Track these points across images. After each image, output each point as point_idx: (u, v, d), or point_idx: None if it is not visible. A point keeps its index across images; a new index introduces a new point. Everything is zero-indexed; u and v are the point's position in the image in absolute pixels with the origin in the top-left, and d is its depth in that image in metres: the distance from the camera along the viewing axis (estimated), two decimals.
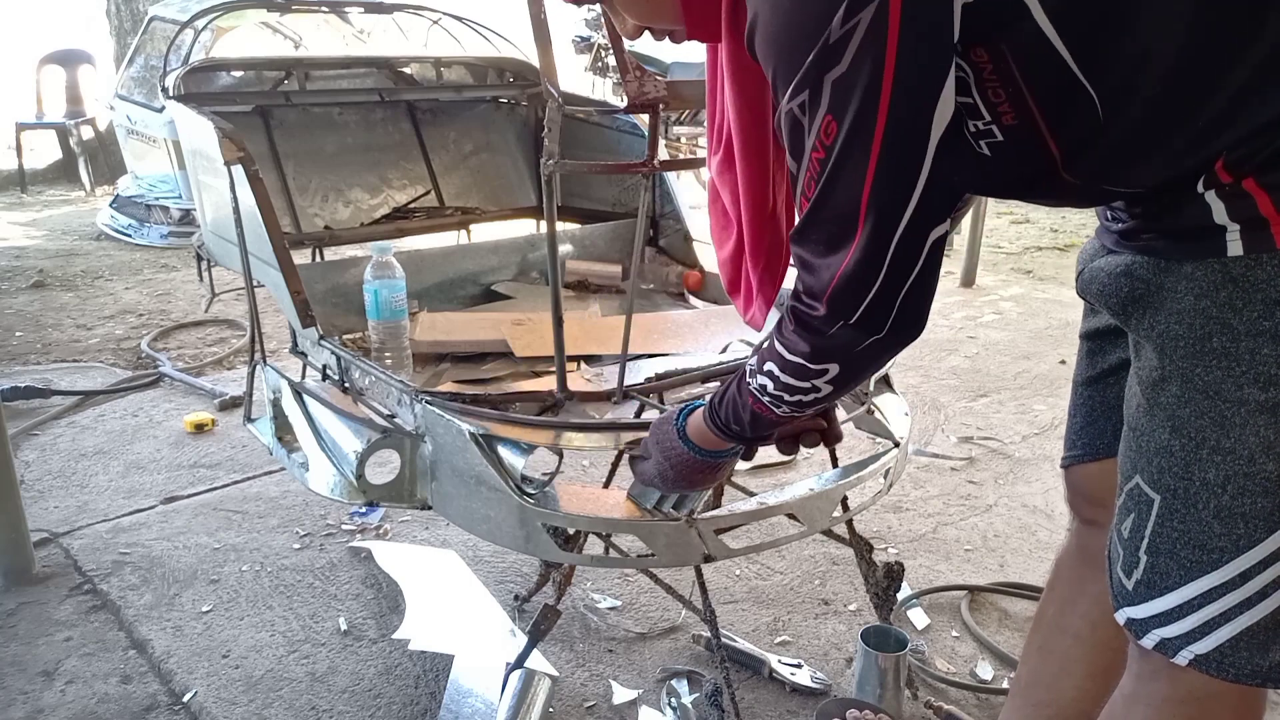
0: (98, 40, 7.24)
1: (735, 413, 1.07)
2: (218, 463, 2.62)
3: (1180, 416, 0.84)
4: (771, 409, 1.01)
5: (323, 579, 2.05)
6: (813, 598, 2.00)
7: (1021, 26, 0.77)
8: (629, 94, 1.34)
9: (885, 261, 0.84)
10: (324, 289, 1.91)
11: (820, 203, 0.85)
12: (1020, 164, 0.87)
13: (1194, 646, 0.86)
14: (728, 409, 1.08)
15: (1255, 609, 0.83)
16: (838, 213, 0.84)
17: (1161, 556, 0.87)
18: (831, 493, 1.41)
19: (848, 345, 0.91)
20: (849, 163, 0.81)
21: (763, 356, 0.99)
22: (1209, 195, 0.79)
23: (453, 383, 1.67)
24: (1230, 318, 0.79)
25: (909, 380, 3.27)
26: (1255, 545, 0.82)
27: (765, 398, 1.00)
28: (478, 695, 1.62)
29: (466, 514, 1.39)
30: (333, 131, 2.44)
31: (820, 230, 0.87)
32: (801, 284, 0.92)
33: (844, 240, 0.85)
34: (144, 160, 5.19)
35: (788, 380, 0.97)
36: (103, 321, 3.93)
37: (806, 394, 0.97)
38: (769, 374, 0.98)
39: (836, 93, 0.79)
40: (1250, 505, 0.81)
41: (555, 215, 1.38)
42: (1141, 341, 0.88)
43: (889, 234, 0.83)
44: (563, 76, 1.66)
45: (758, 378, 1.00)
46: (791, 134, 0.86)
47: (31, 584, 2.03)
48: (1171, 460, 0.85)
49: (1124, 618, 0.92)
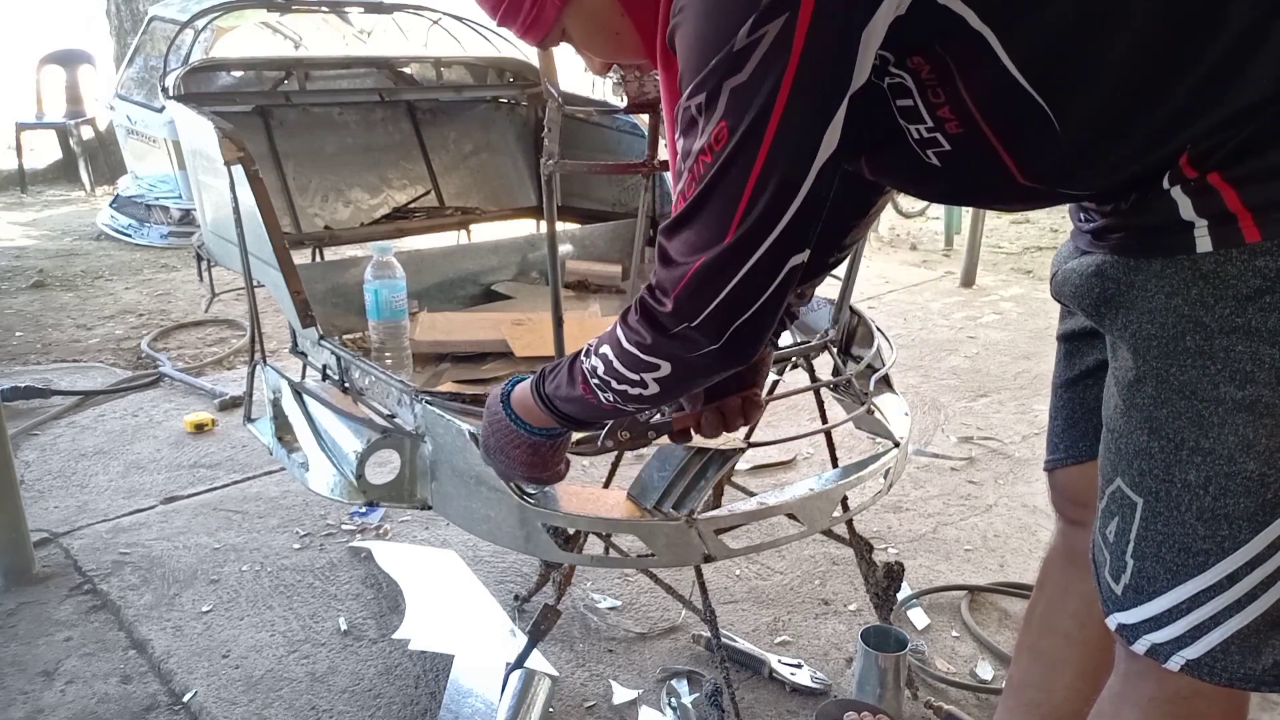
0: (98, 40, 7.24)
1: (560, 388, 1.06)
2: (218, 463, 2.62)
3: (1158, 418, 0.83)
4: (597, 393, 1.00)
5: (323, 579, 2.05)
6: (813, 598, 2.00)
7: (957, 33, 0.77)
8: (629, 94, 1.34)
9: (739, 273, 0.85)
10: (324, 289, 1.91)
11: (697, 205, 0.85)
12: (974, 173, 0.87)
13: (1185, 651, 0.85)
14: (555, 381, 1.06)
15: (1245, 611, 0.82)
16: (711, 217, 0.84)
17: (1148, 560, 0.86)
18: (831, 493, 1.41)
19: (684, 348, 0.91)
20: (732, 171, 0.81)
21: (601, 339, 0.99)
22: (1175, 191, 0.78)
23: (453, 383, 1.67)
24: (1203, 315, 0.78)
25: (909, 380, 3.27)
26: (1241, 546, 0.81)
27: (594, 379, 0.99)
28: (478, 695, 1.62)
29: (466, 514, 1.39)
30: (333, 131, 2.44)
31: (690, 230, 0.87)
32: (656, 278, 0.91)
33: (709, 244, 0.85)
34: (144, 160, 5.19)
35: (619, 369, 0.96)
36: (103, 321, 3.93)
37: (633, 387, 0.96)
38: (603, 357, 0.97)
39: (733, 100, 0.79)
40: (1233, 506, 0.80)
41: (555, 215, 1.38)
42: (1117, 342, 0.88)
43: (752, 249, 0.84)
44: (563, 76, 1.66)
45: (591, 358, 0.99)
46: (685, 132, 0.86)
47: (31, 584, 2.03)
48: (1151, 462, 0.84)
49: (1114, 623, 0.90)
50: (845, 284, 1.65)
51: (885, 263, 5.04)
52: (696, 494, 1.31)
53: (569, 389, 1.04)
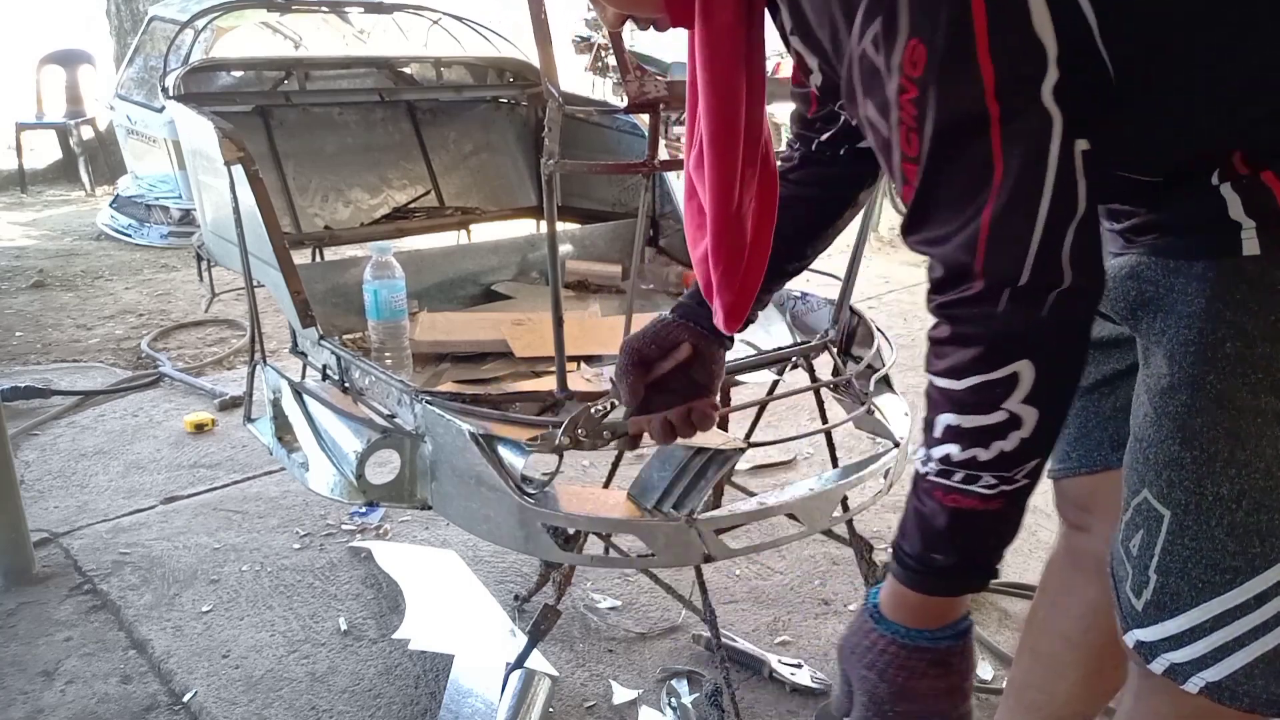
0: (98, 40, 7.23)
1: (928, 535, 0.78)
2: (218, 463, 2.62)
3: (1191, 427, 0.78)
4: (971, 492, 0.75)
5: (323, 579, 2.05)
6: (813, 598, 2.00)
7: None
8: (629, 94, 1.34)
9: (1041, 197, 0.67)
10: (324, 289, 1.91)
11: (934, 151, 0.69)
12: None
13: (1205, 673, 0.81)
14: (916, 537, 0.79)
15: (1272, 634, 0.78)
16: (959, 151, 0.69)
17: (1173, 576, 0.81)
18: (831, 493, 1.41)
19: (1028, 319, 0.70)
20: (956, 82, 0.66)
21: (929, 423, 0.77)
22: (1225, 189, 0.73)
23: (453, 383, 1.67)
24: (1245, 321, 0.74)
25: (909, 380, 3.26)
26: (1272, 565, 0.77)
27: (957, 476, 0.75)
28: (478, 695, 1.62)
29: (466, 514, 1.39)
30: (333, 131, 2.44)
31: (944, 188, 0.70)
32: (941, 269, 0.73)
33: (980, 188, 0.68)
34: (144, 160, 5.19)
35: (974, 422, 0.73)
36: (103, 321, 3.93)
37: (1003, 434, 0.72)
38: (948, 432, 0.75)
39: (917, 7, 0.66)
40: (1267, 522, 0.76)
41: (555, 215, 1.38)
42: (1151, 347, 0.83)
43: (1032, 162, 0.67)
44: (563, 76, 1.66)
45: (935, 453, 0.76)
46: (868, 85, 0.72)
47: (31, 584, 2.03)
48: (1182, 474, 0.80)
49: (1132, 640, 0.86)
50: (845, 284, 1.65)
51: (885, 263, 5.04)
52: (696, 494, 1.31)
53: (936, 521, 0.77)
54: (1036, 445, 0.73)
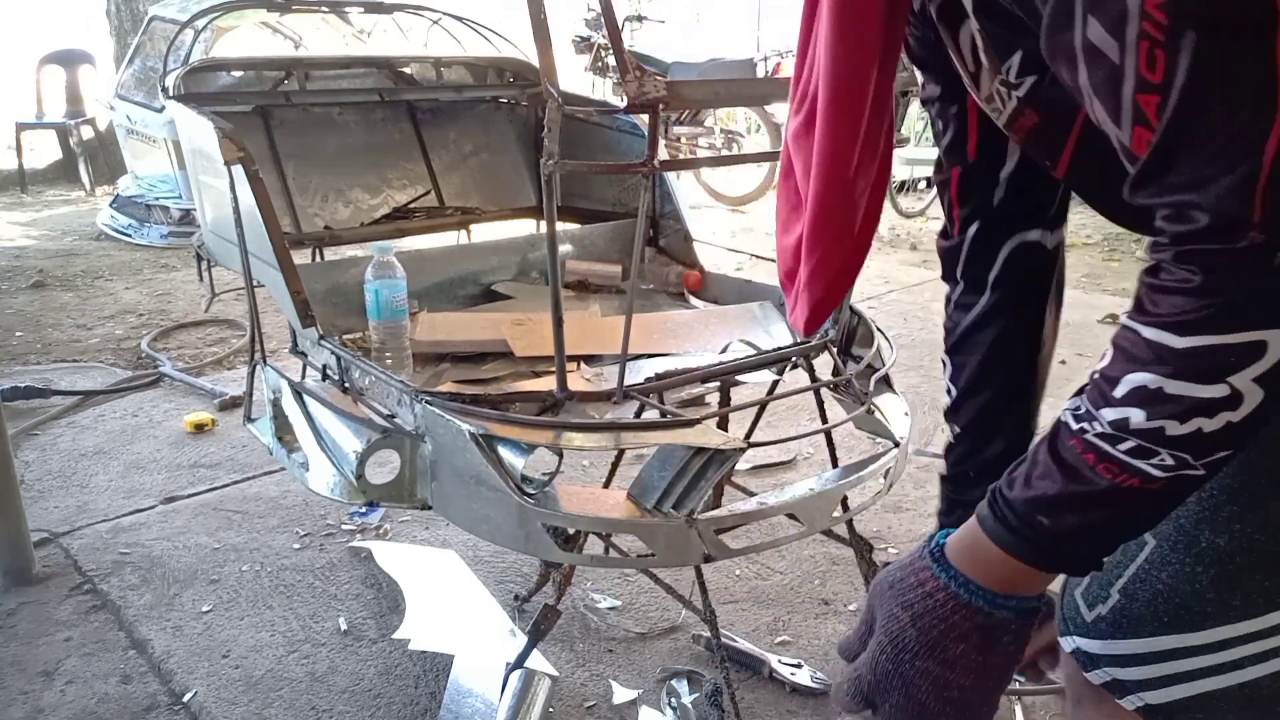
0: (98, 40, 7.24)
1: (1051, 497, 0.66)
2: (218, 463, 2.62)
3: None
4: (1137, 468, 0.62)
5: (323, 579, 2.05)
6: (813, 598, 2.00)
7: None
8: (629, 94, 1.34)
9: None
10: (324, 289, 1.91)
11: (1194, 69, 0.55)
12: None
13: (1147, 695, 0.77)
14: (1032, 493, 0.67)
15: (1224, 676, 0.73)
16: (1229, 67, 0.55)
17: (1137, 603, 0.76)
18: (831, 493, 1.40)
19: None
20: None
21: (1108, 378, 0.63)
22: None
23: (453, 383, 1.67)
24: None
25: (909, 380, 3.27)
26: (1247, 619, 0.72)
27: (1125, 444, 0.62)
28: (478, 695, 1.62)
29: (466, 514, 1.39)
30: (333, 131, 2.44)
31: (1206, 117, 0.56)
32: (1207, 217, 0.57)
33: (1259, 108, 0.54)
34: (144, 160, 5.20)
35: (1182, 390, 0.59)
36: (103, 321, 3.93)
37: (1213, 411, 0.59)
38: (1136, 394, 0.61)
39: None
40: (1257, 583, 0.72)
41: (555, 215, 1.38)
42: None
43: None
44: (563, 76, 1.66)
45: (1106, 414, 0.63)
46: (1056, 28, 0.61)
47: (31, 584, 2.03)
48: (1184, 511, 0.75)
49: (1071, 645, 0.81)
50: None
51: (885, 263, 5.04)
52: (696, 494, 1.31)
53: (1068, 488, 0.65)
54: (1240, 433, 0.60)
